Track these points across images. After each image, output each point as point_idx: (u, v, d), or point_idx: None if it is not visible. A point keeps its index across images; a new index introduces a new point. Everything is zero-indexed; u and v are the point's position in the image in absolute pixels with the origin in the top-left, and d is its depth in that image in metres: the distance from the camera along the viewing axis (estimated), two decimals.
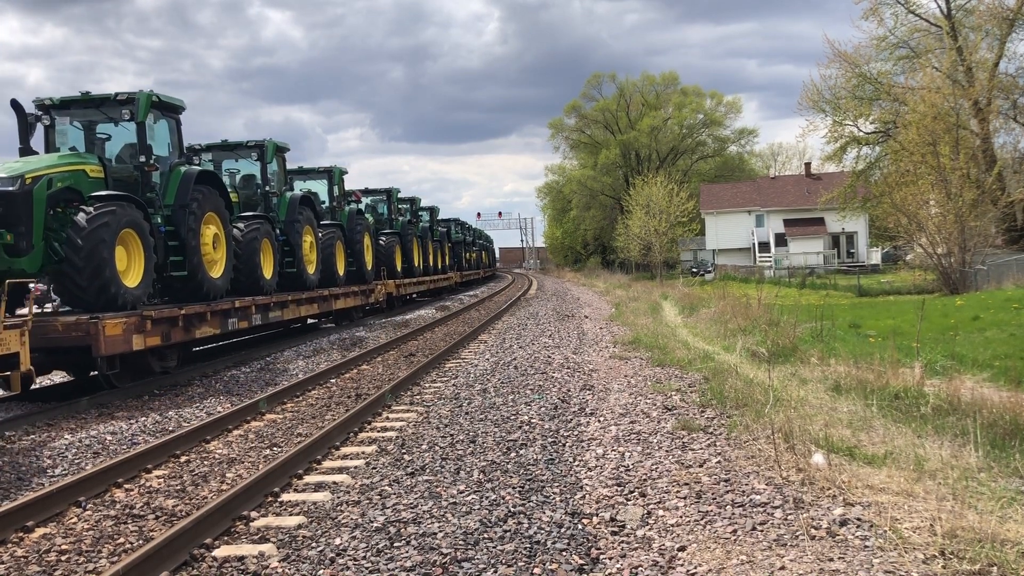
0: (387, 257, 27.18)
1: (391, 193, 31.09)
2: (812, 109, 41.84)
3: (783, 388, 9.20)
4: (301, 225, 18.44)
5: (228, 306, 14.30)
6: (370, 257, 24.27)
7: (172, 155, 13.87)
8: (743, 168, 75.62)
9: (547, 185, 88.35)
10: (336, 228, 21.63)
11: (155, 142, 13.37)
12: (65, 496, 6.43)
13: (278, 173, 18.60)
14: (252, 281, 15.80)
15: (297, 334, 19.95)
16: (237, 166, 18.50)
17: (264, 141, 17.87)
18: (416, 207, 35.04)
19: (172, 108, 13.89)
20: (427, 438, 8.20)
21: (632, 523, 5.43)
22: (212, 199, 14.16)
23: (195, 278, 13.58)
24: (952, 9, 37.74)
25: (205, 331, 13.61)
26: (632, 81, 74.43)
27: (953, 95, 32.02)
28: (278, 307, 16.83)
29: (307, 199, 19.41)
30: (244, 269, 15.53)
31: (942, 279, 29.90)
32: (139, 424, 9.68)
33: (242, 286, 15.64)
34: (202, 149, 17.70)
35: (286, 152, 18.91)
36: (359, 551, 5.15)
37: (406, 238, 30.31)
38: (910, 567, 4.30)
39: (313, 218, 19.36)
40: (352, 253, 22.86)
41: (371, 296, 24.03)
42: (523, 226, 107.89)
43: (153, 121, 13.40)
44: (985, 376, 9.76)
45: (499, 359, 14.00)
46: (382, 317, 25.01)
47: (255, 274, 15.84)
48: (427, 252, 34.21)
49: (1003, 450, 6.29)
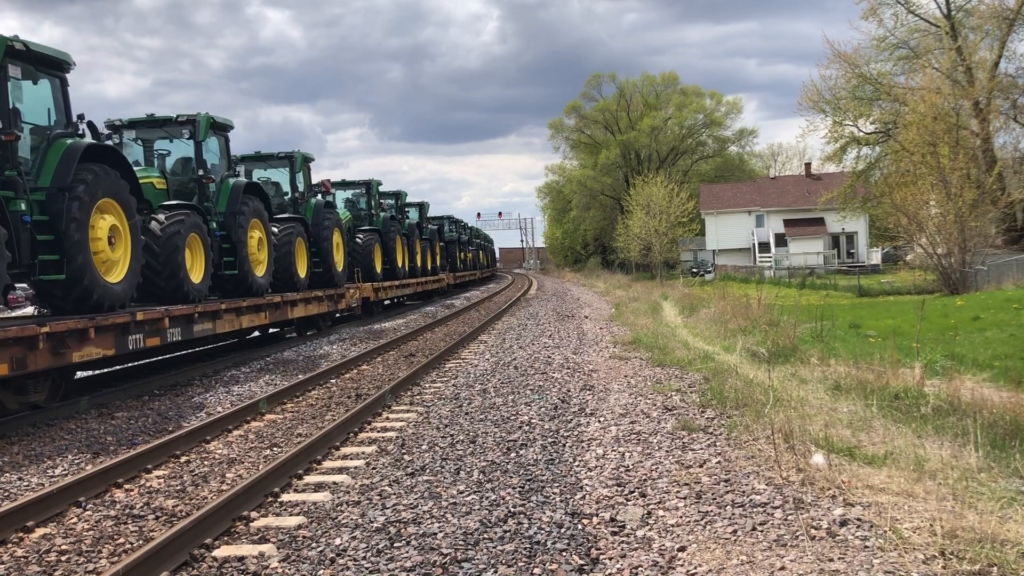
0: (365, 257, 24.49)
1: (371, 185, 28.02)
2: (812, 109, 41.94)
3: (783, 388, 9.20)
4: (246, 218, 15.54)
5: (126, 319, 10.89)
6: (340, 257, 21.41)
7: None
8: (743, 168, 75.69)
9: (547, 185, 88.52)
10: (296, 223, 18.57)
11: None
12: (65, 496, 6.42)
13: (220, 156, 15.95)
14: (173, 286, 13.04)
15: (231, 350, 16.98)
16: (169, 146, 15.52)
17: (197, 115, 15.00)
18: (402, 202, 32.37)
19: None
20: (427, 438, 8.20)
21: (632, 523, 5.43)
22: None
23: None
24: (952, 9, 37.78)
25: (89, 353, 10.21)
26: (632, 81, 74.60)
27: (953, 95, 32.06)
28: (207, 318, 13.54)
29: (255, 187, 16.62)
30: (162, 272, 12.90)
31: (942, 279, 29.91)
32: (139, 424, 9.68)
33: (161, 292, 13.01)
34: (124, 126, 14.98)
35: (227, 131, 16.13)
36: (359, 551, 5.15)
37: (388, 235, 27.40)
38: (910, 567, 4.30)
39: (264, 210, 16.44)
40: (319, 252, 20.04)
41: (341, 301, 20.98)
42: (523, 226, 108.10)
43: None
44: (985, 376, 9.76)
45: (499, 359, 14.00)
46: (357, 325, 22.27)
47: (176, 278, 13.03)
48: (414, 251, 31.09)
49: (1003, 450, 6.29)
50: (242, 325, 15.15)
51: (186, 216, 13.38)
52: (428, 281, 33.67)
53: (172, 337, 12.36)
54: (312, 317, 19.46)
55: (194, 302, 13.20)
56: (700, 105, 72.28)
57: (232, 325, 14.65)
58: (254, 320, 15.61)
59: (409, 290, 29.97)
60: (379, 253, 26.06)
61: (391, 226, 27.94)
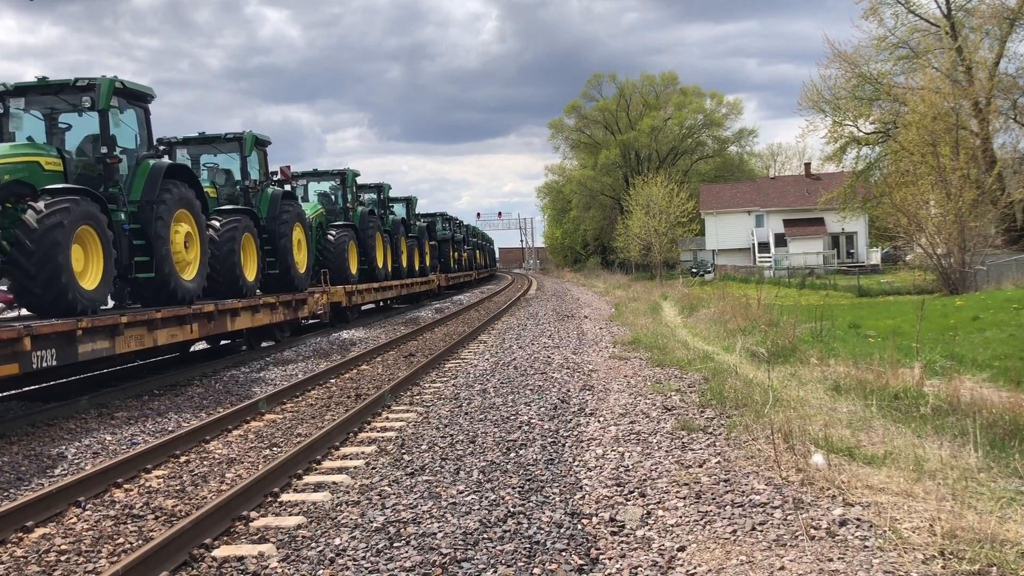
0: (338, 256, 21.87)
1: (346, 176, 24.83)
2: (812, 109, 41.94)
3: (783, 388, 9.21)
4: (167, 208, 12.49)
5: None
6: (303, 256, 18.18)
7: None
8: (743, 168, 75.72)
9: (547, 185, 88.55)
10: (243, 216, 15.68)
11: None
12: (65, 496, 6.43)
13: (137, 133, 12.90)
14: (54, 294, 10.20)
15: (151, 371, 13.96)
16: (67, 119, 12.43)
17: (97, 80, 11.81)
18: (384, 195, 29.49)
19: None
20: (427, 438, 8.20)
21: (632, 523, 5.43)
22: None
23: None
24: (952, 9, 37.78)
25: None
26: (632, 81, 74.62)
27: (953, 95, 32.05)
28: (100, 335, 10.51)
29: (181, 170, 13.44)
30: (38, 276, 10.10)
31: (942, 279, 29.92)
32: (139, 424, 9.68)
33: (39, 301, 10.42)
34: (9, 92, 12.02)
35: (146, 101, 12.98)
36: (359, 551, 5.15)
37: (366, 232, 24.53)
38: (910, 567, 4.31)
39: (195, 199, 13.42)
40: (275, 251, 17.10)
41: (303, 308, 17.83)
42: (523, 226, 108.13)
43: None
44: (985, 376, 9.76)
45: (499, 359, 14.01)
46: (323, 334, 19.44)
47: (57, 283, 10.12)
48: (398, 250, 28.47)
49: (1003, 450, 6.29)
50: (157, 342, 11.97)
51: (72, 204, 10.32)
52: (415, 283, 31.03)
53: (42, 362, 9.34)
54: (267, 327, 16.39)
55: (84, 313, 10.33)
56: (700, 105, 72.33)
57: (141, 343, 11.53)
58: (176, 335, 12.57)
59: (392, 293, 27.23)
60: (355, 252, 23.23)
61: (370, 222, 24.98)
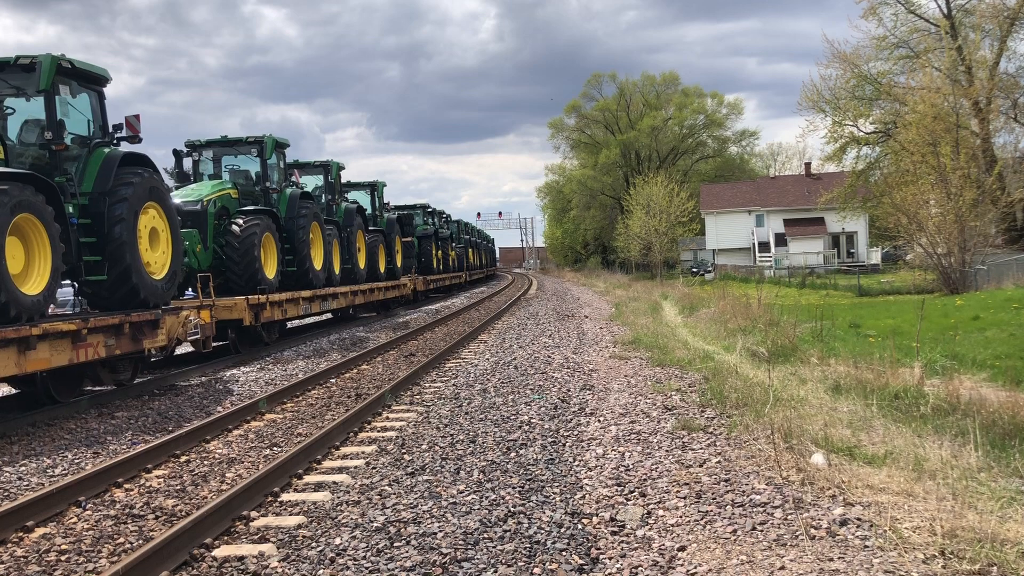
0: (243, 254, 16.31)
1: (264, 145, 18.30)
2: (812, 109, 41.88)
3: (783, 388, 9.20)
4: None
5: None
6: (163, 256, 12.46)
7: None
8: (743, 168, 75.68)
9: (547, 185, 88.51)
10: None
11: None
12: (65, 496, 6.43)
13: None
14: None
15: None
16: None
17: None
18: (332, 177, 23.27)
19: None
20: (427, 438, 8.20)
21: (632, 523, 5.43)
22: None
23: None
24: (952, 9, 37.78)
25: None
26: (632, 81, 74.59)
27: (953, 95, 32.04)
28: None
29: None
30: None
31: (942, 279, 29.90)
32: (139, 424, 9.68)
33: None
34: None
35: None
36: (359, 551, 5.15)
37: (296, 223, 18.69)
38: (910, 567, 4.31)
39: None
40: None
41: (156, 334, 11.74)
42: (523, 226, 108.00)
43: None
44: (985, 376, 9.77)
45: (499, 359, 14.00)
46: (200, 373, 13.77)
47: None
48: (351, 247, 23.06)
49: (1003, 450, 6.29)
50: None
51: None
52: (377, 289, 24.76)
53: None
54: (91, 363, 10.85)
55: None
56: (701, 105, 72.28)
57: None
58: None
59: (337, 303, 21.06)
60: (273, 249, 17.49)
61: (303, 208, 19.09)
